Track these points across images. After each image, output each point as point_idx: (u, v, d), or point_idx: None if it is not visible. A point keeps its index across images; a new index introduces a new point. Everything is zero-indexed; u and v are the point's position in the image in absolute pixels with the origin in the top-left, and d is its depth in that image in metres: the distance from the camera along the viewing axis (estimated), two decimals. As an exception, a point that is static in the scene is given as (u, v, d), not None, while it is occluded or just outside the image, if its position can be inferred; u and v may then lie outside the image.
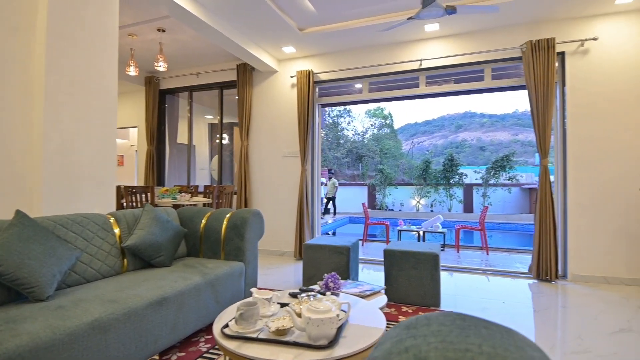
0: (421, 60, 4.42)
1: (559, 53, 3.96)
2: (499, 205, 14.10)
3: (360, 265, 4.54)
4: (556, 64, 3.91)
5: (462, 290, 3.52)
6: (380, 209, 15.37)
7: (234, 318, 1.55)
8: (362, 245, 6.53)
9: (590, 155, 3.83)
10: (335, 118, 25.44)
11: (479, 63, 4.32)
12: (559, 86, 4.04)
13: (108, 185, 2.72)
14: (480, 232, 6.04)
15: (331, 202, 13.13)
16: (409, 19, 3.19)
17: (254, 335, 1.46)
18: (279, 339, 1.43)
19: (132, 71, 4.64)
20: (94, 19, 2.65)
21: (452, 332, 0.49)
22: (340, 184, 16.63)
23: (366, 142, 25.81)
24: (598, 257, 3.77)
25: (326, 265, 3.37)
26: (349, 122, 26.29)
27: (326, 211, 12.87)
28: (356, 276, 3.60)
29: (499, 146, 31.00)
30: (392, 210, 15.65)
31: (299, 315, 1.56)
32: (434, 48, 4.46)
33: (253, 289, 1.71)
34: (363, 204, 7.99)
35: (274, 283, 3.73)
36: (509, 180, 14.02)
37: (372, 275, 4.07)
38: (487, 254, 5.65)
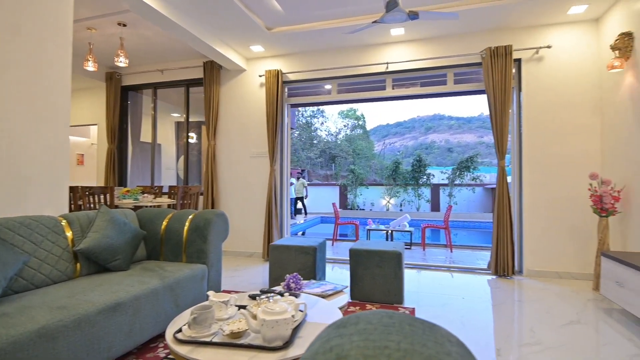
0: (387, 63, 4.50)
1: (515, 60, 4.15)
2: (464, 205, 14.63)
3: (330, 265, 4.57)
4: (513, 70, 4.10)
5: (426, 287, 3.62)
6: (351, 209, 15.55)
7: (188, 322, 1.51)
8: (333, 244, 6.57)
9: (544, 158, 4.04)
10: (309, 118, 25.42)
11: (442, 67, 4.46)
12: (516, 91, 4.24)
13: (60, 186, 2.58)
14: (444, 230, 6.23)
15: (300, 202, 13.08)
16: (373, 22, 3.24)
17: (208, 339, 1.44)
18: (233, 342, 1.41)
19: (90, 66, 4.43)
20: (45, 11, 2.51)
21: (376, 329, 0.50)
22: (312, 184, 16.65)
23: (339, 142, 25.96)
24: (551, 253, 3.99)
25: (293, 266, 3.37)
26: (322, 123, 26.34)
27: (297, 211, 12.82)
28: (323, 276, 3.62)
29: (466, 148, 32.07)
30: (363, 209, 15.86)
31: (255, 317, 1.54)
32: (400, 52, 4.55)
33: (210, 292, 1.68)
34: (333, 204, 8.05)
35: (240, 285, 3.69)
36: (473, 180, 14.58)
37: (343, 275, 4.10)
38: (451, 251, 5.84)
